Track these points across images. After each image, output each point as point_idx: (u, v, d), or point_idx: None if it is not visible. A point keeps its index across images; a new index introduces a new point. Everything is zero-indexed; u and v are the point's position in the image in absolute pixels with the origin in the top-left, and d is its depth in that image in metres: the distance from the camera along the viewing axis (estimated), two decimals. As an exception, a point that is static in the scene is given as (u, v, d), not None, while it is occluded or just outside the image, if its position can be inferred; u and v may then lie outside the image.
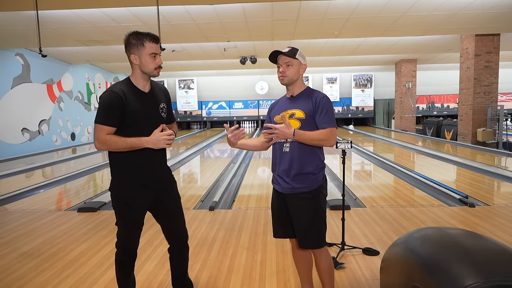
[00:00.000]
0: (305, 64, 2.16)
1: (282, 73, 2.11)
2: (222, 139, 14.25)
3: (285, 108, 2.15)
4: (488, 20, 8.29)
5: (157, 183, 2.12)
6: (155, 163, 2.09)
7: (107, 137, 1.93)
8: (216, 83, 18.94)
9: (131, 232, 2.11)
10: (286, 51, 2.11)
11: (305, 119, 2.06)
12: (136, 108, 1.98)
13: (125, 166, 2.04)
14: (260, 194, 5.30)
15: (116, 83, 2.04)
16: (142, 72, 2.02)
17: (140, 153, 2.00)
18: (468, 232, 1.78)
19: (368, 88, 18.86)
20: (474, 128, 10.35)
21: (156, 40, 2.02)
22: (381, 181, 6.17)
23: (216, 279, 2.69)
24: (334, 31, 8.96)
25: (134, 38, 1.97)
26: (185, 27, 8.19)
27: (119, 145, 1.93)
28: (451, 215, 4.05)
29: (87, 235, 3.68)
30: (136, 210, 2.07)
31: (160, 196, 2.13)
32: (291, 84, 2.14)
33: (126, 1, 6.45)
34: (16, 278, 2.76)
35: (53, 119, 12.06)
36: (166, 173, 2.20)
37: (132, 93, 2.00)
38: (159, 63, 2.02)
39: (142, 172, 2.05)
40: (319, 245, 2.09)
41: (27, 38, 8.52)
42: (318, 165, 2.09)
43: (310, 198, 2.06)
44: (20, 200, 5.25)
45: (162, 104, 2.13)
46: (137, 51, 1.98)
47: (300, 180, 2.05)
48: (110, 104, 1.93)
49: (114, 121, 1.95)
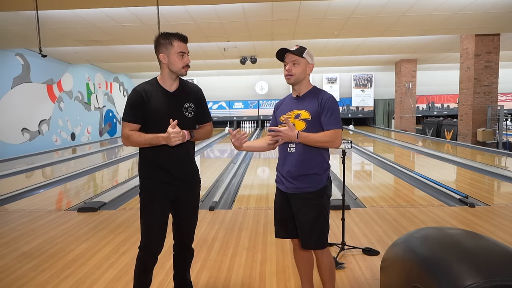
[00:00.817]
0: (313, 64, 2.11)
1: (289, 71, 2.06)
2: (222, 139, 14.25)
3: (290, 108, 2.12)
4: (488, 20, 8.29)
5: (176, 181, 2.12)
6: (174, 160, 2.09)
7: (130, 132, 2.02)
8: (216, 83, 18.94)
9: (151, 227, 2.12)
10: (294, 49, 2.07)
11: (311, 120, 2.04)
12: (157, 107, 2.04)
13: (146, 162, 2.12)
14: (260, 194, 5.30)
15: (143, 82, 2.11)
16: (170, 71, 2.07)
17: (159, 150, 2.05)
18: (468, 232, 1.78)
19: (368, 88, 18.87)
20: (474, 128, 10.35)
21: (184, 40, 2.07)
22: (381, 181, 6.17)
23: (216, 279, 2.69)
24: (334, 31, 8.96)
25: (163, 38, 2.04)
26: (185, 27, 8.18)
27: (139, 141, 2.01)
28: (451, 215, 4.05)
29: (87, 235, 3.68)
30: (155, 205, 2.09)
31: (180, 195, 2.15)
32: (297, 83, 2.10)
33: (126, 1, 6.45)
34: (16, 278, 2.76)
35: (53, 119, 12.06)
36: (188, 172, 2.18)
37: (156, 92, 2.06)
38: (187, 62, 2.07)
39: (160, 169, 2.08)
40: (321, 246, 2.08)
41: (27, 38, 8.52)
42: (323, 166, 2.07)
43: (314, 198, 2.04)
44: (20, 200, 5.25)
45: (188, 103, 2.14)
46: (166, 50, 2.04)
47: (304, 180, 2.04)
48: (132, 102, 2.04)
49: (136, 118, 2.04)
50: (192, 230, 2.28)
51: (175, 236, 2.26)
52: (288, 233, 2.18)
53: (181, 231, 2.24)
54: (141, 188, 2.14)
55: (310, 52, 2.10)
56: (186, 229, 2.25)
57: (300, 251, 2.23)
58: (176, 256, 2.31)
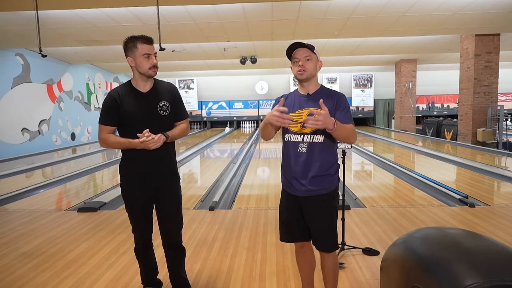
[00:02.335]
0: (321, 61, 2.06)
1: (302, 66, 1.97)
2: (222, 139, 14.25)
3: (300, 105, 2.02)
4: (488, 20, 8.29)
5: (155, 181, 2.20)
6: (151, 159, 2.16)
7: (106, 136, 2.14)
8: (216, 83, 18.93)
9: (135, 223, 2.29)
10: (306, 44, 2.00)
11: None
12: (130, 108, 2.12)
13: (124, 164, 2.23)
14: (260, 194, 5.30)
15: (117, 86, 2.20)
16: (139, 73, 2.13)
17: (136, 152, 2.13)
18: (468, 232, 1.78)
19: (368, 88, 18.86)
20: (474, 128, 10.35)
21: (149, 41, 2.09)
22: (381, 181, 6.17)
23: (216, 279, 2.69)
24: (334, 31, 8.96)
25: (129, 42, 2.10)
26: (185, 27, 8.19)
27: (114, 145, 2.13)
28: (451, 215, 4.04)
29: (87, 235, 3.68)
30: (134, 204, 2.24)
31: (159, 194, 2.24)
32: (308, 80, 2.01)
33: (126, 1, 6.45)
34: (16, 278, 2.76)
35: (53, 119, 12.05)
36: (165, 172, 2.24)
37: (129, 93, 2.14)
38: (153, 63, 2.10)
39: (137, 170, 2.18)
40: (335, 247, 2.06)
41: (27, 38, 8.52)
42: (334, 166, 2.02)
43: (327, 200, 2.00)
44: (20, 200, 5.25)
45: (163, 102, 2.18)
46: (132, 54, 2.09)
47: (317, 182, 1.97)
48: (106, 106, 2.14)
49: (111, 121, 2.14)
50: (176, 229, 2.32)
51: (162, 236, 2.33)
52: (294, 237, 2.12)
53: (165, 230, 2.31)
54: (121, 185, 2.26)
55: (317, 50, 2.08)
56: (169, 227, 2.30)
57: (303, 253, 2.19)
58: (166, 255, 2.37)
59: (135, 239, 2.34)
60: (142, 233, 2.31)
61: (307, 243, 2.16)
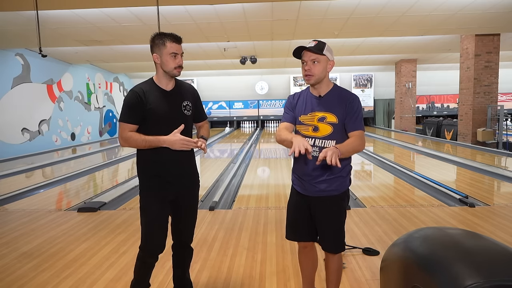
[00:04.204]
0: (333, 60, 1.96)
1: (308, 71, 1.90)
2: (222, 139, 14.25)
3: (312, 108, 1.98)
4: (488, 20, 8.29)
5: (176, 181, 2.12)
6: (174, 160, 2.09)
7: (129, 134, 2.03)
8: (216, 83, 18.93)
9: (151, 228, 2.12)
10: (312, 46, 1.90)
11: (338, 124, 1.94)
12: (156, 106, 2.04)
13: (146, 161, 2.11)
14: (260, 194, 5.30)
15: (139, 83, 2.13)
16: (163, 71, 2.08)
17: (159, 149, 2.05)
18: (468, 232, 1.78)
19: (368, 88, 18.86)
20: (474, 128, 10.35)
21: (178, 40, 2.06)
22: (381, 181, 6.17)
23: (216, 279, 2.69)
24: (334, 31, 8.96)
25: (157, 38, 2.04)
26: (185, 27, 8.18)
27: (139, 143, 2.02)
28: (451, 215, 4.05)
29: (87, 235, 3.68)
30: (155, 205, 2.10)
31: (180, 195, 2.16)
32: (318, 82, 1.96)
33: (126, 1, 6.45)
34: (16, 278, 2.76)
35: (53, 119, 12.05)
36: (188, 172, 2.19)
37: (153, 91, 2.07)
38: (179, 63, 2.06)
39: (160, 168, 2.09)
40: (341, 249, 2.05)
41: (27, 38, 8.52)
42: (347, 168, 2.01)
43: (337, 201, 1.98)
44: (20, 200, 5.24)
45: (186, 102, 2.16)
46: (159, 51, 2.04)
47: (329, 183, 1.96)
48: (130, 103, 2.03)
49: (134, 119, 2.04)
50: (191, 229, 2.28)
51: (174, 236, 2.27)
52: (300, 236, 2.11)
53: (179, 230, 2.25)
54: (141, 188, 2.15)
55: (329, 47, 1.94)
56: (184, 228, 2.25)
57: (307, 254, 2.18)
58: (175, 255, 2.31)
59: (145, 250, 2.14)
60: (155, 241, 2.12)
61: (311, 243, 2.15)
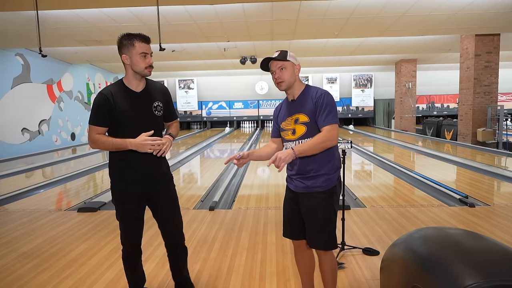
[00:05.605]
0: (299, 64, 2.07)
1: (278, 78, 2.02)
2: (222, 139, 14.25)
3: (289, 113, 2.09)
4: (488, 20, 8.29)
5: (148, 182, 2.14)
6: (144, 159, 2.09)
7: (97, 136, 2.04)
8: (216, 83, 18.93)
9: (127, 227, 2.18)
10: (276, 55, 2.02)
11: (310, 122, 2.00)
12: (125, 108, 2.04)
13: (115, 165, 2.14)
14: (260, 194, 5.30)
15: (108, 85, 2.12)
16: (133, 72, 2.07)
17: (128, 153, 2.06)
18: (468, 232, 1.78)
19: (368, 88, 18.87)
20: (474, 128, 10.35)
21: (146, 40, 2.05)
22: (381, 181, 6.17)
23: (216, 279, 2.69)
24: (334, 31, 8.96)
25: (125, 39, 2.04)
26: (185, 27, 8.18)
27: (107, 145, 2.03)
28: (451, 215, 4.05)
29: (87, 235, 3.68)
30: (127, 206, 2.14)
31: (154, 196, 2.17)
32: (289, 87, 2.06)
33: (126, 1, 6.45)
34: (16, 278, 2.76)
35: (53, 119, 12.05)
36: (159, 169, 2.18)
37: (122, 93, 2.06)
38: (149, 62, 2.05)
39: (129, 171, 2.11)
40: (329, 247, 2.05)
41: (27, 38, 8.52)
42: (333, 165, 2.03)
43: (323, 198, 2.01)
44: (20, 200, 5.24)
45: (157, 102, 2.14)
46: (128, 51, 2.03)
47: (314, 179, 2.01)
48: (97, 106, 2.03)
49: (102, 121, 2.04)
50: (177, 228, 2.28)
51: (163, 236, 2.29)
52: (293, 233, 2.15)
53: (166, 230, 2.26)
54: (112, 189, 2.17)
55: (292, 54, 2.06)
56: (170, 227, 2.26)
57: (301, 252, 2.20)
58: (169, 255, 2.34)
59: (125, 246, 2.21)
60: (134, 237, 2.19)
61: (304, 242, 2.16)
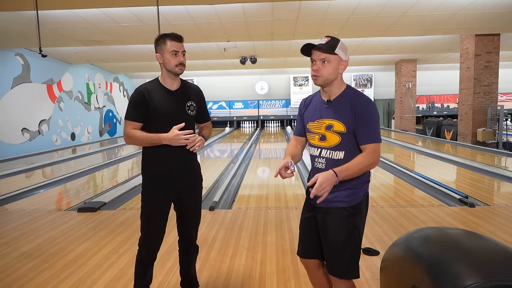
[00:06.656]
0: (346, 60, 1.71)
1: (316, 71, 1.69)
2: (222, 139, 14.25)
3: (320, 114, 1.76)
4: (488, 20, 8.29)
5: (178, 180, 2.15)
6: (177, 159, 2.12)
7: (132, 131, 2.08)
8: (216, 83, 18.92)
9: (151, 226, 2.16)
10: (323, 43, 1.67)
11: (346, 133, 1.69)
12: (159, 105, 2.08)
13: (148, 161, 2.16)
14: (260, 194, 5.30)
15: (145, 82, 2.18)
16: (166, 71, 2.12)
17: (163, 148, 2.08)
18: (468, 232, 1.78)
19: (368, 88, 18.87)
20: (474, 128, 10.35)
21: (178, 39, 2.11)
22: (381, 181, 6.17)
23: (216, 279, 2.69)
24: (334, 31, 8.95)
25: (158, 39, 2.12)
26: (185, 27, 8.18)
27: (141, 140, 2.07)
28: (451, 215, 4.04)
29: (87, 235, 3.68)
30: (155, 206, 2.14)
31: (182, 194, 2.20)
32: (327, 85, 1.73)
33: (126, 1, 6.45)
34: (16, 278, 2.76)
35: (53, 119, 12.05)
36: (190, 171, 2.22)
37: (158, 90, 2.12)
38: (180, 60, 2.10)
39: (163, 167, 2.12)
40: (346, 275, 1.73)
41: (27, 38, 8.51)
42: (360, 179, 1.73)
43: (346, 216, 1.71)
44: (20, 200, 5.24)
45: (190, 102, 2.19)
46: (160, 50, 2.10)
47: (336, 193, 1.70)
48: (134, 101, 2.09)
49: (138, 117, 2.08)
50: (194, 228, 2.33)
51: (179, 232, 2.31)
52: (306, 251, 1.85)
53: (183, 227, 2.29)
54: (143, 186, 2.18)
55: (344, 45, 1.70)
56: (189, 227, 2.30)
57: (316, 274, 1.89)
58: (180, 251, 2.36)
59: (143, 248, 2.17)
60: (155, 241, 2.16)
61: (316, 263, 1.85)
